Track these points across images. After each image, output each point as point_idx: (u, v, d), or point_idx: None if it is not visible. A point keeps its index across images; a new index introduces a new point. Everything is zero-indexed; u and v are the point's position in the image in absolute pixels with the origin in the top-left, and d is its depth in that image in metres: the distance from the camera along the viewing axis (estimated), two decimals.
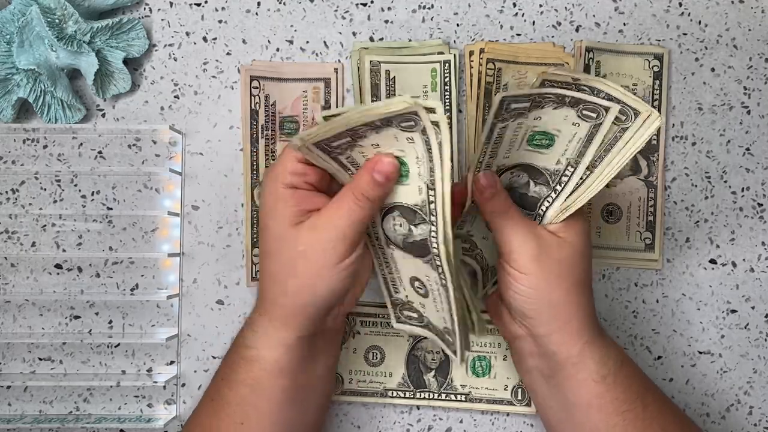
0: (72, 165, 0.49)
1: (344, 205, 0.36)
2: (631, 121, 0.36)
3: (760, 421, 0.48)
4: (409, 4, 0.49)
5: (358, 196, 0.35)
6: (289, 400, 0.39)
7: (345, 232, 0.35)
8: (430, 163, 0.34)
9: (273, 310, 0.38)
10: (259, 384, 0.38)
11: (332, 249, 0.36)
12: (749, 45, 0.49)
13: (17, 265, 0.49)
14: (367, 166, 0.36)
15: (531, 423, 0.48)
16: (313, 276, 0.36)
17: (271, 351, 0.38)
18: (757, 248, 0.49)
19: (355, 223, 0.35)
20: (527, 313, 0.38)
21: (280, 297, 0.37)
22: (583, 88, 0.36)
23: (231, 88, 0.49)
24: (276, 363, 0.38)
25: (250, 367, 0.38)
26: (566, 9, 0.49)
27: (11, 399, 0.48)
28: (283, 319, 0.37)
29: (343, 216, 0.35)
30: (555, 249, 0.38)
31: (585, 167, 0.37)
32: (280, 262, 0.37)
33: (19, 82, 0.47)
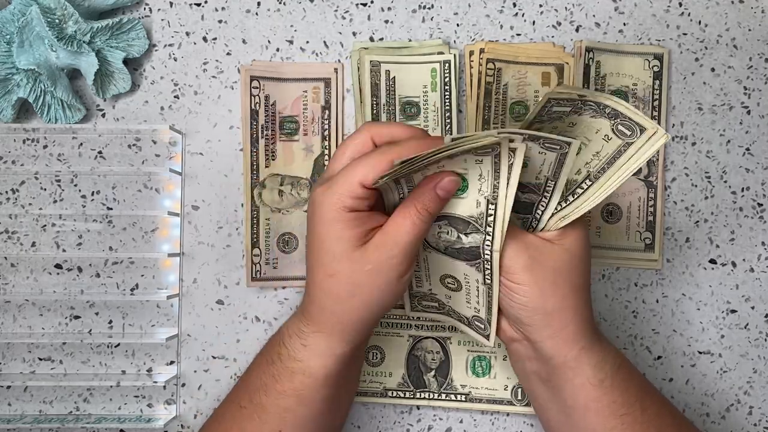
0: (72, 165, 0.49)
1: (408, 221, 0.36)
2: (636, 136, 0.36)
3: (760, 421, 0.48)
4: (409, 4, 0.49)
5: (420, 211, 0.36)
6: (328, 407, 0.39)
7: (409, 246, 0.36)
8: (495, 180, 0.35)
9: (331, 326, 0.38)
10: (304, 394, 0.38)
11: (398, 265, 0.36)
12: (749, 45, 0.49)
13: (17, 265, 0.49)
14: (429, 181, 0.36)
15: (531, 423, 0.48)
16: (380, 292, 0.37)
17: (322, 363, 0.38)
18: (757, 248, 0.49)
19: (417, 238, 0.36)
20: (522, 320, 0.38)
21: (343, 314, 0.37)
22: (589, 103, 0.36)
23: (231, 88, 0.49)
24: (325, 375, 0.38)
25: (295, 377, 0.38)
26: (566, 9, 0.49)
27: (11, 399, 0.48)
28: (341, 334, 0.38)
29: (407, 232, 0.36)
30: (549, 257, 0.38)
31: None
32: (345, 283, 0.37)
33: (19, 82, 0.47)
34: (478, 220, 0.37)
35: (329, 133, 0.48)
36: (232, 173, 0.49)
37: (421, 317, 0.47)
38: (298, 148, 0.48)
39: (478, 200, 0.37)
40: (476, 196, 0.37)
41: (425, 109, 0.48)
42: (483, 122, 0.48)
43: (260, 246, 0.47)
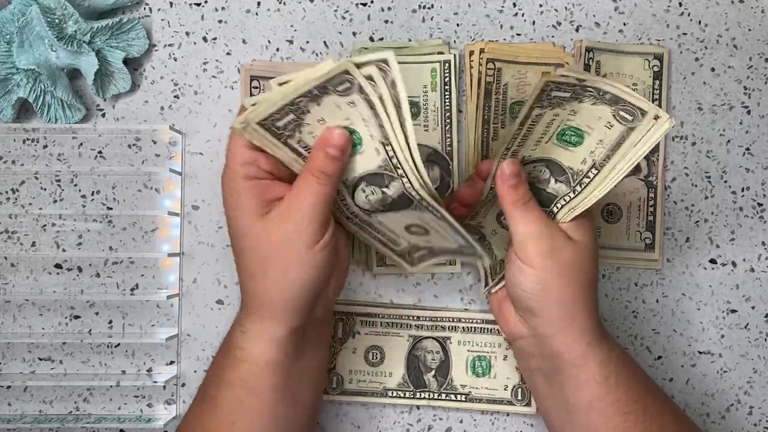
0: (72, 165, 0.49)
1: (305, 187, 0.35)
2: (639, 121, 0.36)
3: (760, 421, 0.48)
4: (409, 4, 0.49)
5: (317, 175, 0.35)
6: (280, 397, 0.38)
7: (312, 213, 0.35)
8: (377, 119, 0.34)
9: (259, 307, 0.37)
10: (250, 383, 0.37)
11: (304, 233, 0.35)
12: (749, 45, 0.49)
13: (17, 265, 0.49)
14: (318, 143, 0.36)
15: (531, 423, 0.48)
16: (292, 264, 0.36)
17: (262, 349, 0.37)
18: (757, 248, 0.49)
19: (320, 203, 0.35)
20: (534, 311, 0.38)
21: (264, 293, 0.37)
22: (588, 89, 0.36)
23: (231, 88, 0.49)
24: (267, 361, 0.37)
25: (240, 366, 0.38)
26: (566, 9, 0.49)
27: (11, 399, 0.48)
28: (271, 315, 0.37)
29: (306, 197, 0.35)
30: (566, 248, 0.38)
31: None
32: (255, 258, 0.36)
33: (19, 82, 0.47)
34: (387, 167, 0.36)
35: None
36: None
37: (421, 316, 0.47)
38: None
39: (376, 148, 0.36)
40: (372, 144, 0.36)
41: (425, 109, 0.48)
42: (483, 122, 0.48)
43: None
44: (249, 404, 0.38)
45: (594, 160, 0.38)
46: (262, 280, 0.36)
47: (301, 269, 0.36)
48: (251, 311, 0.38)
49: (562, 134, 0.38)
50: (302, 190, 0.35)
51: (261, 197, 0.36)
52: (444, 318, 0.47)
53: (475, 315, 0.47)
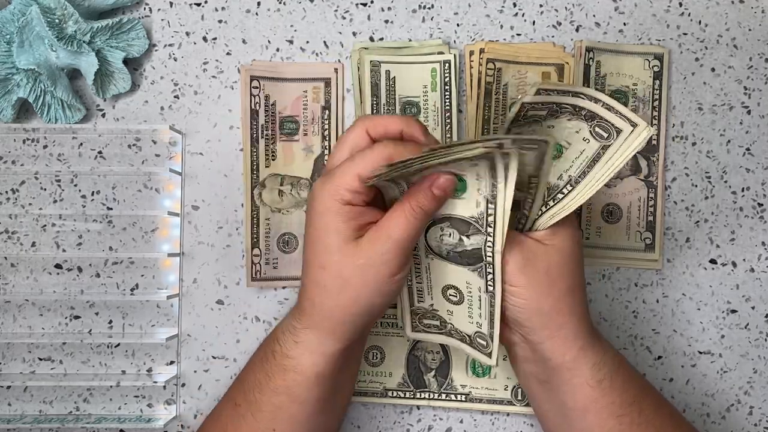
0: (72, 165, 0.49)
1: (402, 219, 0.36)
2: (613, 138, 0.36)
3: (760, 421, 0.48)
4: (409, 4, 0.49)
5: (415, 209, 0.36)
6: (322, 408, 0.39)
7: (402, 244, 0.36)
8: (492, 179, 0.35)
9: (321, 321, 0.38)
10: (296, 392, 0.38)
11: (390, 262, 0.36)
12: (749, 45, 0.49)
13: (17, 265, 0.49)
14: (425, 180, 0.36)
15: (531, 423, 0.48)
16: (370, 288, 0.36)
17: (314, 361, 0.38)
18: (757, 248, 0.49)
19: (411, 235, 0.36)
20: (520, 321, 0.38)
21: (332, 309, 0.37)
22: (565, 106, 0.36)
23: (231, 88, 0.49)
24: (316, 373, 0.38)
25: (287, 375, 0.38)
26: (566, 9, 0.49)
27: (11, 399, 0.48)
28: (331, 331, 0.38)
29: (400, 229, 0.36)
30: (541, 258, 0.38)
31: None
32: (336, 276, 0.37)
33: (19, 82, 0.47)
34: (479, 220, 0.37)
35: (329, 133, 0.48)
36: (232, 173, 0.49)
37: None
38: (298, 148, 0.48)
39: (478, 200, 0.37)
40: (476, 196, 0.37)
41: (425, 109, 0.48)
42: (483, 122, 0.48)
43: (260, 246, 0.47)
44: (291, 412, 0.38)
45: (570, 176, 0.38)
46: (336, 297, 0.37)
47: (377, 295, 0.37)
48: (311, 324, 0.38)
49: None
50: (397, 221, 0.36)
51: (357, 221, 0.37)
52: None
53: None
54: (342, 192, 0.36)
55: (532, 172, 0.37)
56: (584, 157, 0.37)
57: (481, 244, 0.38)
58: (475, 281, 0.39)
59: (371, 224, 0.37)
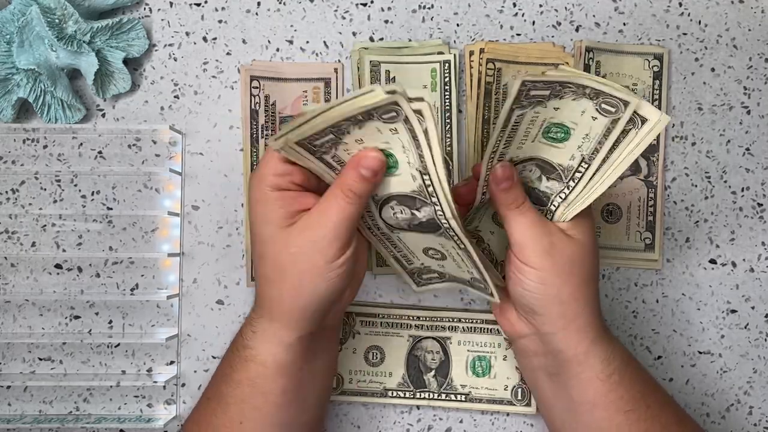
0: (72, 165, 0.49)
1: (333, 203, 0.35)
2: (622, 111, 0.35)
3: (760, 421, 0.48)
4: (409, 4, 0.49)
5: (346, 193, 0.35)
6: (288, 400, 0.39)
7: (336, 230, 0.35)
8: (417, 150, 0.34)
9: (271, 311, 0.38)
10: (259, 384, 0.38)
11: (325, 248, 0.35)
12: (749, 45, 0.49)
13: (17, 265, 0.49)
14: (352, 162, 0.36)
15: (531, 423, 0.48)
16: (308, 277, 0.36)
17: (271, 351, 0.38)
18: (757, 248, 0.49)
19: (345, 220, 0.35)
20: (536, 309, 0.38)
21: (277, 299, 0.37)
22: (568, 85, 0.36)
23: (231, 88, 0.49)
24: (275, 363, 0.38)
25: (248, 366, 0.38)
26: (566, 9, 0.49)
27: (11, 399, 0.48)
28: (282, 320, 0.37)
29: (333, 214, 0.35)
30: (566, 246, 0.38)
31: (599, 164, 0.37)
32: (273, 265, 0.36)
33: (19, 82, 0.47)
34: (421, 193, 0.37)
35: None
36: (232, 173, 0.49)
37: (421, 316, 0.47)
38: None
39: (412, 174, 0.36)
40: (409, 170, 0.36)
41: None
42: (483, 122, 0.48)
43: None
44: (256, 403, 0.38)
45: (582, 155, 0.38)
46: (278, 286, 0.37)
47: (316, 282, 0.36)
48: (263, 313, 0.38)
49: (548, 131, 0.38)
50: (329, 207, 0.36)
51: (288, 208, 0.36)
52: (444, 318, 0.47)
53: (475, 315, 0.47)
54: (268, 177, 0.36)
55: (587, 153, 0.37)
56: (594, 133, 0.37)
57: (433, 214, 0.37)
58: (445, 242, 0.39)
59: (305, 211, 0.37)
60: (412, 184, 0.37)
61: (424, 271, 0.44)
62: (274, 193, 0.36)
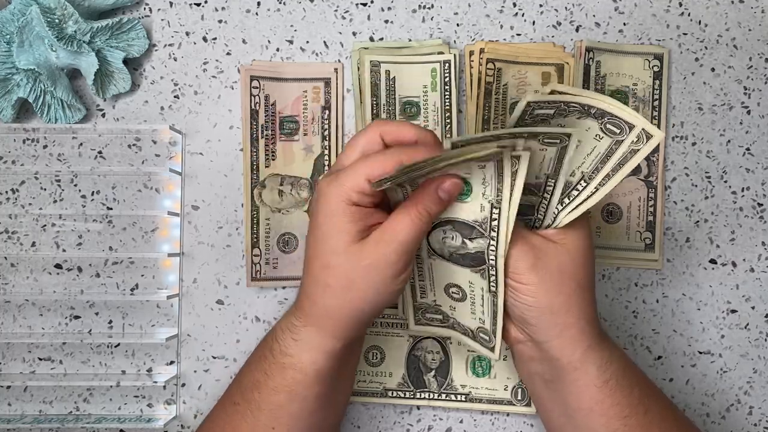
0: (72, 165, 0.49)
1: (407, 220, 0.36)
2: (626, 134, 0.36)
3: (760, 421, 0.48)
4: (409, 4, 0.49)
5: (421, 211, 0.36)
6: (322, 405, 0.39)
7: (407, 246, 0.36)
8: (498, 184, 0.35)
9: (322, 320, 0.38)
10: (296, 390, 0.38)
11: (394, 263, 0.36)
12: (749, 45, 0.49)
13: (17, 265, 0.49)
14: (431, 183, 0.36)
15: (531, 423, 0.48)
16: (375, 289, 0.37)
17: (313, 359, 0.38)
18: (757, 248, 0.49)
19: (416, 237, 0.36)
20: (528, 320, 0.38)
21: (335, 308, 0.37)
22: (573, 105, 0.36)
23: (231, 88, 0.49)
24: (316, 371, 0.38)
25: (286, 373, 0.38)
26: (566, 9, 0.49)
27: (11, 399, 0.48)
28: (332, 330, 0.38)
29: (405, 230, 0.36)
30: (553, 256, 0.38)
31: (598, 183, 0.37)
32: (340, 276, 0.37)
33: (19, 82, 0.47)
34: (483, 224, 0.37)
35: (329, 133, 0.48)
36: (232, 173, 0.49)
37: None
38: (298, 148, 0.48)
39: (483, 204, 0.37)
40: (480, 201, 0.37)
41: (425, 109, 0.48)
42: (483, 122, 0.48)
43: (260, 246, 0.47)
44: (291, 410, 0.38)
45: (583, 172, 0.38)
46: (341, 297, 0.37)
47: (381, 295, 0.37)
48: (311, 322, 0.38)
49: None
50: (402, 223, 0.36)
51: (361, 223, 0.37)
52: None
53: None
54: (350, 193, 0.36)
55: (549, 172, 0.37)
56: (596, 153, 0.37)
57: (484, 248, 0.37)
58: (477, 281, 0.39)
59: (376, 225, 0.37)
60: (478, 214, 0.37)
61: (430, 310, 0.43)
62: (351, 207, 0.36)
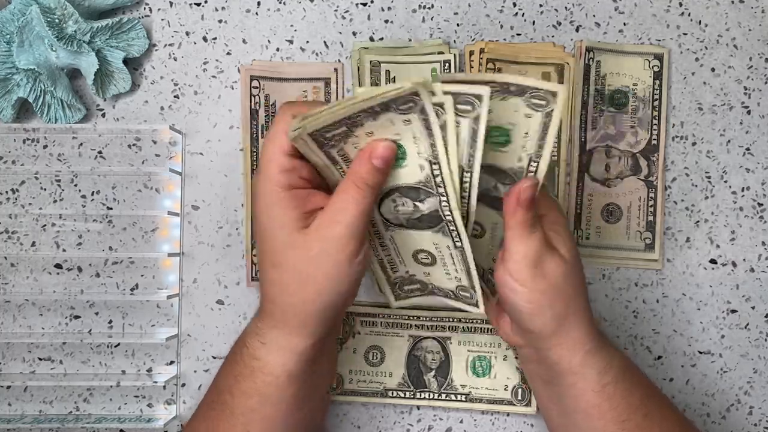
0: (72, 165, 0.49)
1: (348, 197, 0.34)
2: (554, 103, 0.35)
3: (761, 421, 0.48)
4: (409, 4, 0.49)
5: (360, 185, 0.34)
6: (297, 406, 0.38)
7: (354, 225, 0.34)
8: (430, 138, 0.34)
9: (286, 320, 0.36)
10: (267, 393, 0.37)
11: (346, 245, 0.34)
12: (749, 45, 0.49)
13: (17, 265, 0.49)
14: (363, 153, 0.34)
15: (531, 423, 0.48)
16: (331, 278, 0.35)
17: (283, 360, 0.37)
18: (757, 248, 0.49)
19: (362, 214, 0.34)
20: (528, 326, 0.38)
21: (298, 306, 0.36)
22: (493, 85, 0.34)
23: (231, 88, 0.49)
24: (287, 373, 0.37)
25: (257, 377, 0.37)
26: (566, 9, 0.49)
27: (11, 399, 0.48)
28: (298, 328, 0.36)
29: (349, 209, 0.34)
30: (556, 265, 0.37)
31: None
32: (291, 271, 0.35)
33: (19, 82, 0.47)
34: (427, 183, 0.36)
35: None
36: (232, 173, 0.49)
37: (421, 316, 0.47)
38: None
39: (421, 164, 0.36)
40: (417, 161, 0.35)
41: None
42: None
43: None
44: (264, 413, 0.37)
45: (529, 155, 0.37)
46: (300, 294, 0.35)
47: (341, 283, 0.35)
48: (276, 323, 0.37)
49: (489, 137, 0.36)
50: (344, 201, 0.34)
51: (301, 209, 0.35)
52: (444, 318, 0.47)
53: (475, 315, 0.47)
54: (276, 176, 0.34)
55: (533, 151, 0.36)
56: (533, 131, 0.36)
57: (437, 206, 0.37)
58: (441, 241, 0.39)
59: (318, 210, 0.35)
60: (419, 174, 0.36)
61: (406, 282, 0.43)
62: (285, 192, 0.35)
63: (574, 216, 0.48)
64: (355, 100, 0.32)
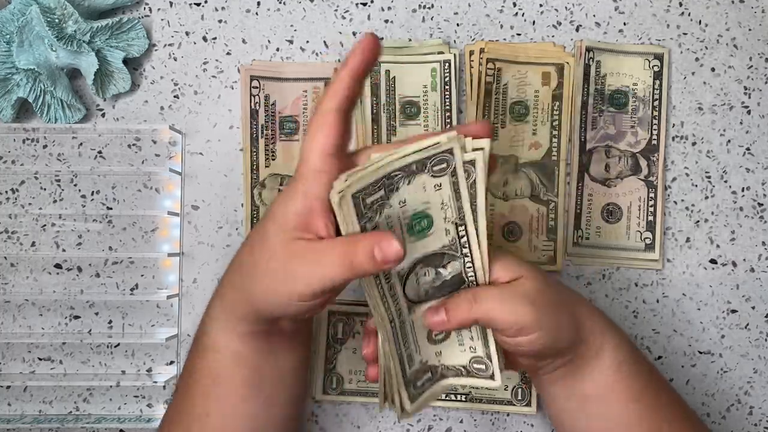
0: (72, 165, 0.49)
1: (337, 266, 0.33)
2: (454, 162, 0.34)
3: (761, 421, 0.48)
4: (409, 4, 0.49)
5: (345, 262, 0.33)
6: (253, 394, 0.38)
7: (320, 284, 0.33)
8: (458, 202, 0.35)
9: (231, 300, 0.37)
10: (216, 371, 0.38)
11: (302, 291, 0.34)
12: (749, 45, 0.49)
13: (17, 265, 0.49)
14: (374, 237, 0.33)
15: (531, 423, 0.48)
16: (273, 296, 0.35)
17: (227, 340, 0.38)
18: (757, 248, 0.49)
19: (337, 283, 0.33)
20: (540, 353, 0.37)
21: (241, 292, 0.36)
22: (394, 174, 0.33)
23: (231, 87, 0.49)
24: (232, 353, 0.37)
25: (207, 355, 0.38)
26: (566, 9, 0.49)
27: (11, 399, 0.48)
28: (240, 312, 0.37)
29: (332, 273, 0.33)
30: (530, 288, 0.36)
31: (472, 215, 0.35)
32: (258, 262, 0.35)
33: (19, 82, 0.47)
34: (452, 247, 0.36)
35: None
36: (232, 173, 0.49)
37: None
38: (298, 148, 0.48)
39: (447, 228, 0.35)
40: (443, 225, 0.35)
41: (425, 109, 0.48)
42: None
43: None
44: (218, 393, 0.38)
45: (454, 222, 0.36)
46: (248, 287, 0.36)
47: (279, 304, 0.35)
48: (227, 303, 0.38)
49: (411, 228, 0.35)
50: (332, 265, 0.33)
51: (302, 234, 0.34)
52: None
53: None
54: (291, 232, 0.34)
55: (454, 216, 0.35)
56: (447, 197, 0.35)
57: (460, 268, 0.36)
58: None
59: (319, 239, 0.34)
60: (444, 239, 0.36)
61: (420, 374, 0.39)
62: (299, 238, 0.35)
63: (574, 216, 0.48)
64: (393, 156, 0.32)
